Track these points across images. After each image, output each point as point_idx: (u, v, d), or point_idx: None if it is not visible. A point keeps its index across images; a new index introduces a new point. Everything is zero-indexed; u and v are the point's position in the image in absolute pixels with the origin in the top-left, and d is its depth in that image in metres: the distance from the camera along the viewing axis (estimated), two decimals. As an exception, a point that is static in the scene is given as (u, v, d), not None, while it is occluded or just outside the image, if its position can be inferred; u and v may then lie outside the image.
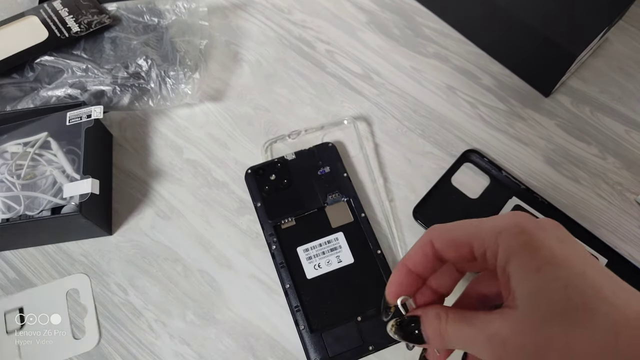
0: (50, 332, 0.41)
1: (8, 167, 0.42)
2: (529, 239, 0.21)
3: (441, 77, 0.52)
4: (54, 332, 0.42)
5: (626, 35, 0.54)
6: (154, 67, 0.48)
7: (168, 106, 0.49)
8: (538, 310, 0.20)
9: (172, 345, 0.41)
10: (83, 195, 0.40)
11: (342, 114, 0.50)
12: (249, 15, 0.56)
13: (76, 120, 0.43)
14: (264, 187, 0.45)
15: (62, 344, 0.41)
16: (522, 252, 0.21)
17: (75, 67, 0.48)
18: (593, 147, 0.48)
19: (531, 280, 0.21)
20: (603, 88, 0.51)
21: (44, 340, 0.41)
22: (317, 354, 0.39)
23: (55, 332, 0.41)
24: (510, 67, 0.52)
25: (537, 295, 0.20)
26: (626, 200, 0.46)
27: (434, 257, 0.25)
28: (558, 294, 0.20)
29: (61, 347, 0.41)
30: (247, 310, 0.42)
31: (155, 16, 0.51)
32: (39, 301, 0.42)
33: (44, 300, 0.42)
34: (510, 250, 0.22)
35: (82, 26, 0.49)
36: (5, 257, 0.44)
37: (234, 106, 0.51)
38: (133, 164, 0.48)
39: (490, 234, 0.23)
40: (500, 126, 0.50)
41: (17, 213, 0.41)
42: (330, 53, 0.54)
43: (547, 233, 0.22)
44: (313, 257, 0.42)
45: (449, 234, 0.25)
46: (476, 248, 0.23)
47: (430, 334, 0.24)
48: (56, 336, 0.41)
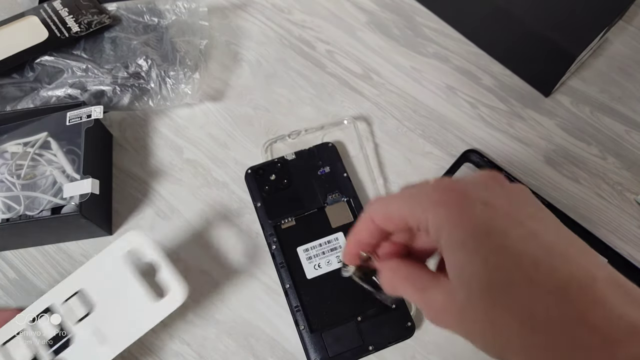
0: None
1: (8, 167, 0.42)
2: (453, 214, 0.21)
3: (441, 77, 0.52)
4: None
5: (626, 35, 0.54)
6: (154, 67, 0.48)
7: (168, 106, 0.49)
8: (462, 284, 0.21)
9: (172, 344, 0.41)
10: (83, 195, 0.40)
11: (342, 114, 0.50)
12: (249, 15, 0.56)
13: (76, 120, 0.43)
14: (264, 187, 0.45)
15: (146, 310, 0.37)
16: (447, 227, 0.21)
17: (75, 67, 0.48)
18: (593, 147, 0.48)
19: (456, 255, 0.21)
20: (603, 88, 0.51)
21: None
22: (317, 354, 0.39)
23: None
24: (511, 67, 0.52)
25: (463, 270, 0.21)
26: (626, 200, 0.46)
27: (378, 231, 0.25)
28: (481, 269, 0.20)
29: (147, 314, 0.37)
30: (247, 310, 0.42)
31: (155, 16, 0.51)
32: (97, 278, 0.37)
33: (101, 275, 0.37)
34: (436, 226, 0.21)
35: (82, 26, 0.49)
36: (5, 257, 0.44)
37: (234, 106, 0.51)
38: (133, 164, 0.48)
39: (420, 209, 0.22)
40: (500, 126, 0.50)
41: (17, 213, 0.41)
42: (330, 53, 0.54)
43: (470, 203, 0.21)
44: (313, 257, 0.42)
45: (385, 209, 0.24)
46: (411, 224, 0.23)
47: (386, 285, 0.26)
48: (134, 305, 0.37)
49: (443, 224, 0.21)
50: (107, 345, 0.36)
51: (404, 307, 0.41)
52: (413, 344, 0.40)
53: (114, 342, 0.36)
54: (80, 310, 0.37)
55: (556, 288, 0.19)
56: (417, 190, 0.23)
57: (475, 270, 0.20)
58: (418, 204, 0.22)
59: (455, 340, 0.41)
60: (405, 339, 0.40)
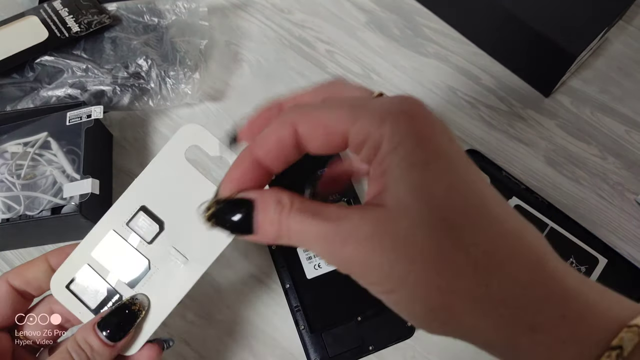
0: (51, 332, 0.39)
1: (8, 167, 0.42)
2: (420, 129, 0.18)
3: (441, 77, 0.52)
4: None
5: (626, 35, 0.54)
6: (154, 67, 0.48)
7: (168, 106, 0.49)
8: (412, 211, 0.17)
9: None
10: (83, 195, 0.40)
11: (342, 114, 0.50)
12: (249, 15, 0.56)
13: (76, 120, 0.43)
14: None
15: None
16: (410, 142, 0.18)
17: (75, 67, 0.48)
18: (593, 147, 0.48)
19: (413, 175, 0.18)
20: (603, 88, 0.51)
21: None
22: (317, 354, 0.39)
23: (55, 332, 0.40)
24: (511, 68, 0.52)
25: (414, 195, 0.17)
26: (626, 200, 0.46)
27: (293, 145, 0.20)
28: (439, 196, 0.17)
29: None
30: (247, 310, 0.42)
31: (156, 16, 0.51)
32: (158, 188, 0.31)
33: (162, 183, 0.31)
34: (397, 139, 0.18)
35: (82, 26, 0.49)
36: (5, 257, 0.44)
37: (234, 106, 0.51)
38: (133, 163, 0.48)
39: (374, 119, 0.18)
40: (500, 126, 0.50)
41: (17, 213, 0.41)
42: (330, 53, 0.54)
43: (438, 128, 0.18)
44: (313, 257, 0.42)
45: (320, 116, 0.19)
46: (353, 136, 0.19)
47: (265, 224, 0.20)
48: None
49: (404, 139, 0.18)
50: (191, 263, 0.31)
51: (404, 307, 0.41)
52: (413, 344, 0.40)
53: (198, 258, 0.31)
54: (149, 229, 0.31)
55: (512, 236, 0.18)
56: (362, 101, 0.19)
57: (432, 200, 0.17)
58: (374, 112, 0.18)
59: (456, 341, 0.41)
60: (405, 339, 0.40)
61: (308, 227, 0.19)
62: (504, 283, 0.17)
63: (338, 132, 0.19)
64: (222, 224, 0.20)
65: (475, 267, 0.17)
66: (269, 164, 0.21)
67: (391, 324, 0.40)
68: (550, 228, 0.43)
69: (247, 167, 0.21)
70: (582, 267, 0.42)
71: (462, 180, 0.18)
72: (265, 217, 0.20)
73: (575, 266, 0.42)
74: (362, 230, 0.18)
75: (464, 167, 0.18)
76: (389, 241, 0.17)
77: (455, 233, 0.17)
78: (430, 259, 0.17)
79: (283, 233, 0.19)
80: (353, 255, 0.18)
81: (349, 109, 0.19)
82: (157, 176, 0.31)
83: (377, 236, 0.17)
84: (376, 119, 0.18)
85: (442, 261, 0.17)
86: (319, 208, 0.19)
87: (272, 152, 0.20)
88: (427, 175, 0.18)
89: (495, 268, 0.17)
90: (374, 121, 0.18)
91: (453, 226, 0.17)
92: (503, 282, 0.17)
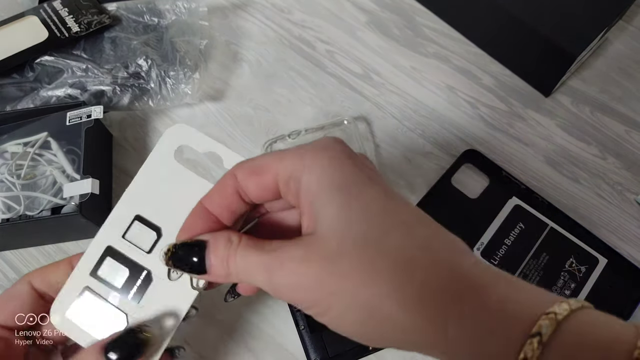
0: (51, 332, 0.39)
1: (8, 167, 0.42)
2: (336, 158, 0.20)
3: (441, 77, 0.52)
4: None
5: (626, 35, 0.54)
6: (154, 67, 0.48)
7: (168, 106, 0.49)
8: (337, 231, 0.19)
9: (172, 344, 0.41)
10: (83, 195, 0.40)
11: (342, 114, 0.50)
12: (249, 15, 0.56)
13: (76, 120, 0.43)
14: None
15: None
16: (327, 170, 0.20)
17: (75, 67, 0.48)
18: (593, 147, 0.48)
19: (335, 199, 0.20)
20: (603, 88, 0.51)
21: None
22: (317, 354, 0.39)
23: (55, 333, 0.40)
24: (511, 67, 0.52)
25: (339, 215, 0.19)
26: (626, 200, 0.46)
27: (235, 194, 0.22)
28: (357, 216, 0.19)
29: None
30: (247, 310, 0.42)
31: (155, 16, 0.51)
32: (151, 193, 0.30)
33: (155, 188, 0.30)
34: (315, 169, 0.20)
35: (82, 26, 0.49)
36: (5, 257, 0.44)
37: (234, 106, 0.51)
38: (133, 163, 0.48)
39: (295, 156, 0.21)
40: (500, 126, 0.50)
41: (17, 213, 0.41)
42: (330, 53, 0.54)
43: (352, 155, 0.21)
44: (313, 257, 0.42)
45: (252, 162, 0.22)
46: (281, 175, 0.21)
47: (215, 261, 0.21)
48: None
49: (323, 171, 0.20)
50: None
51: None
52: (413, 344, 0.40)
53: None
54: (147, 238, 0.29)
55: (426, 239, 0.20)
56: (288, 149, 0.22)
57: (353, 217, 0.19)
58: (292, 154, 0.21)
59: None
60: (405, 339, 0.40)
61: (251, 260, 0.21)
62: (426, 280, 0.19)
63: (269, 174, 0.21)
64: (179, 266, 0.22)
65: (396, 269, 0.19)
66: (218, 214, 0.23)
67: (391, 324, 0.40)
68: (550, 228, 0.43)
69: (198, 217, 0.23)
70: (582, 267, 0.42)
71: (375, 197, 0.20)
72: (217, 256, 0.22)
73: (575, 266, 0.42)
74: (296, 255, 0.20)
75: (377, 186, 0.20)
76: (318, 262, 0.19)
77: (374, 245, 0.19)
78: (356, 270, 0.19)
79: (231, 270, 0.21)
80: (289, 281, 0.20)
81: (276, 153, 0.22)
82: (148, 182, 0.31)
83: (307, 259, 0.19)
84: (298, 155, 0.21)
85: (368, 270, 0.19)
86: (261, 243, 0.21)
87: (216, 201, 0.22)
88: (347, 197, 0.20)
89: (416, 267, 0.19)
90: (296, 157, 0.21)
91: (372, 238, 0.19)
92: (424, 280, 0.19)
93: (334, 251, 0.19)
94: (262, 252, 0.20)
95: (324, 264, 0.19)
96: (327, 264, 0.19)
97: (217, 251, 0.21)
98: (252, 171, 0.22)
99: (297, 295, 0.20)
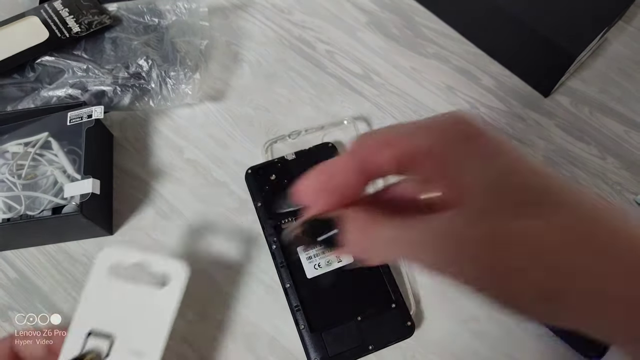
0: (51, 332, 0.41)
1: (9, 167, 0.42)
2: (478, 131, 0.20)
3: (441, 77, 0.52)
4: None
5: (626, 35, 0.54)
6: (155, 67, 0.48)
7: (168, 106, 0.50)
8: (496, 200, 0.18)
9: (173, 344, 0.41)
10: (84, 195, 0.40)
11: (342, 114, 0.50)
12: (249, 15, 0.56)
13: (77, 121, 0.43)
14: (264, 187, 0.45)
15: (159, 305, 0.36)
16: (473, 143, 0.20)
17: (76, 67, 0.48)
18: (592, 148, 0.49)
19: (486, 171, 0.19)
20: (602, 88, 0.51)
21: None
22: (317, 354, 0.39)
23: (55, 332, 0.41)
24: (510, 68, 0.52)
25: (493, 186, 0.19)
26: (625, 200, 0.46)
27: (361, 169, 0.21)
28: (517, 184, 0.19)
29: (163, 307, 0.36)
30: (247, 310, 0.42)
31: (156, 16, 0.51)
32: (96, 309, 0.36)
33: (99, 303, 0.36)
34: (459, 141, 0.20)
35: (83, 26, 0.49)
36: (6, 257, 0.45)
37: (234, 106, 0.51)
38: (134, 163, 0.48)
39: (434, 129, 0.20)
40: (499, 126, 0.50)
41: (17, 213, 0.41)
42: (330, 53, 0.54)
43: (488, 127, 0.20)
44: (313, 256, 0.42)
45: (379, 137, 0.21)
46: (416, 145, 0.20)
47: (355, 236, 0.21)
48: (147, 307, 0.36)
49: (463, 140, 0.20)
50: (147, 355, 0.35)
51: (404, 306, 0.41)
52: (413, 343, 0.41)
53: (151, 349, 0.35)
54: (103, 347, 0.34)
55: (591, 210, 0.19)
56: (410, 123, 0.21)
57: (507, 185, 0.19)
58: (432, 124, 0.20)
59: (455, 340, 0.41)
60: (405, 339, 0.40)
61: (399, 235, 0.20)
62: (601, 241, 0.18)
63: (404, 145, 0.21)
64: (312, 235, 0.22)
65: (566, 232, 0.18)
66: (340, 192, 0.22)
67: (391, 324, 0.40)
68: (550, 228, 0.43)
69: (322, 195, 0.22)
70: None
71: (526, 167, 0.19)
72: (355, 230, 0.21)
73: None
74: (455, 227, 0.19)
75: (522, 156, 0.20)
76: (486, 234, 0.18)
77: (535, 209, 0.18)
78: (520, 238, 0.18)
79: (374, 243, 0.21)
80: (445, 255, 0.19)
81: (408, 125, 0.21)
82: (93, 302, 0.35)
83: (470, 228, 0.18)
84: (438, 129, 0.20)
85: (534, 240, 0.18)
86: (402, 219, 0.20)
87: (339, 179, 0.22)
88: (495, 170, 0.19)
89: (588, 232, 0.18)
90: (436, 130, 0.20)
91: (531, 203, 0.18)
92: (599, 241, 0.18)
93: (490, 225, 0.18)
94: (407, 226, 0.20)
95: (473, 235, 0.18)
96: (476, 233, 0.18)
97: (356, 226, 0.21)
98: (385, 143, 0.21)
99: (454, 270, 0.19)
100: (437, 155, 0.20)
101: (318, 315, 0.40)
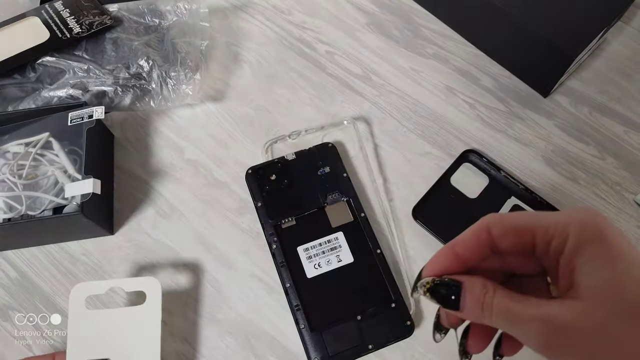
0: (51, 332, 0.42)
1: (10, 167, 0.42)
2: (603, 233, 0.21)
3: (440, 78, 0.52)
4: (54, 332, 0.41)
5: (625, 36, 0.54)
6: (155, 67, 0.48)
7: (169, 106, 0.50)
8: (607, 303, 0.20)
9: (173, 343, 0.41)
10: (85, 195, 0.40)
11: (342, 114, 0.50)
12: (249, 16, 0.56)
13: (78, 121, 0.43)
14: (265, 187, 0.46)
15: (143, 323, 0.39)
16: (596, 245, 0.21)
17: (77, 67, 0.48)
18: (592, 148, 0.49)
19: (603, 273, 0.20)
20: (602, 89, 0.52)
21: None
22: (317, 353, 0.39)
23: (55, 332, 0.42)
24: (509, 68, 0.52)
25: (608, 289, 0.20)
26: (625, 200, 0.46)
27: (487, 245, 0.24)
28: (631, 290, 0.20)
29: (147, 325, 0.39)
30: (247, 309, 0.42)
31: (156, 17, 0.51)
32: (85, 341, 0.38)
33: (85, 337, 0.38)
34: (582, 241, 0.21)
35: (84, 27, 0.49)
36: (6, 257, 0.45)
37: (234, 106, 0.51)
38: (134, 164, 0.48)
39: (559, 223, 0.22)
40: (499, 127, 0.50)
41: (18, 213, 0.42)
42: (330, 54, 0.54)
43: (616, 230, 0.22)
44: (313, 256, 0.43)
45: (510, 220, 0.24)
46: (540, 236, 0.22)
47: (470, 302, 0.23)
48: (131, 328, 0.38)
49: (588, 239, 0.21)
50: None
51: (404, 306, 0.41)
52: (412, 342, 0.41)
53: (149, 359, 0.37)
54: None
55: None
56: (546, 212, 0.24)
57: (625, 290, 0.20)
58: (558, 218, 0.22)
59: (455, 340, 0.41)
60: (405, 338, 0.40)
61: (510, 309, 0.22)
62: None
63: (527, 233, 0.23)
64: (435, 297, 0.25)
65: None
66: (466, 258, 0.25)
67: (391, 323, 0.40)
68: (549, 228, 0.43)
69: (447, 258, 0.25)
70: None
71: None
72: (472, 297, 0.23)
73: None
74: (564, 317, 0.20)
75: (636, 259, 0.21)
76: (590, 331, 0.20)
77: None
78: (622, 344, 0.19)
79: (486, 312, 0.23)
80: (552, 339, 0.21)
81: (535, 216, 0.23)
82: (80, 336, 0.38)
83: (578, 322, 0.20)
84: (563, 223, 0.22)
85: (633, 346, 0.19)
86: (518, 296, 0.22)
87: (469, 248, 0.25)
88: (616, 272, 0.20)
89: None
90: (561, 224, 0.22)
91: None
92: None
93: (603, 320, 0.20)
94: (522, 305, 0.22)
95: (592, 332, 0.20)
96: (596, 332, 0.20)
97: (472, 294, 0.23)
98: (511, 229, 0.23)
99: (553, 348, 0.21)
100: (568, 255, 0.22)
101: (318, 315, 0.41)
